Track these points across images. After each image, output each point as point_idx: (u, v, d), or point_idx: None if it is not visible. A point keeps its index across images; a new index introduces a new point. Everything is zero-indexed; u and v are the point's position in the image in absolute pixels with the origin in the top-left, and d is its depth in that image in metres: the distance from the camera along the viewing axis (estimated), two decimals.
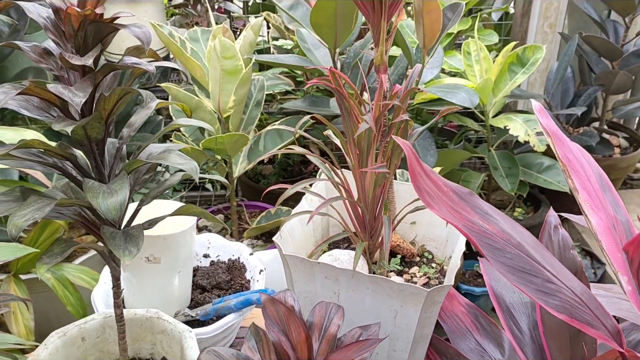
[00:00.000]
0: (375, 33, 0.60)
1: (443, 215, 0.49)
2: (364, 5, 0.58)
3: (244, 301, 0.78)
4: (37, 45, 0.57)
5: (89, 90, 0.50)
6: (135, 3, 1.64)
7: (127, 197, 0.52)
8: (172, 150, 0.59)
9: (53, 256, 0.54)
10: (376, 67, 0.64)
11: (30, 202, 0.53)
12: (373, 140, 0.61)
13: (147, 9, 1.65)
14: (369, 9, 0.57)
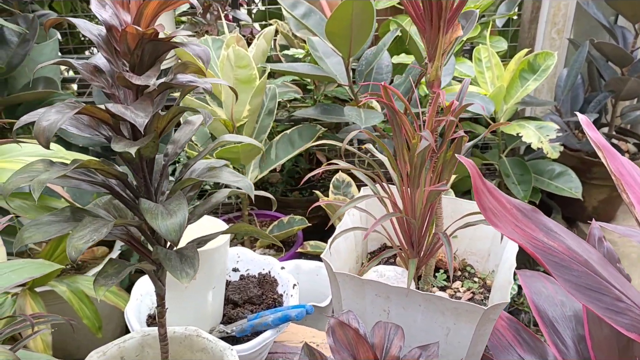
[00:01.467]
0: (431, 48, 0.59)
1: (508, 233, 0.48)
2: (421, 22, 0.57)
3: (282, 317, 0.77)
4: (88, 62, 0.56)
5: (150, 110, 0.50)
6: None
7: (186, 218, 0.51)
8: (223, 167, 0.58)
9: (108, 277, 0.53)
10: (430, 83, 0.63)
11: (86, 223, 0.52)
12: (427, 156, 0.61)
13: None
14: (426, 25, 0.57)
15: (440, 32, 0.56)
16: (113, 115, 0.54)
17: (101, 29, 0.56)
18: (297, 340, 0.90)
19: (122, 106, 0.50)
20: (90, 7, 0.55)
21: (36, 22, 1.58)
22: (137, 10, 0.53)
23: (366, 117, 1.47)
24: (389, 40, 1.54)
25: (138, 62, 0.54)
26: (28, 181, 0.53)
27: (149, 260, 0.60)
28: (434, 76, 0.62)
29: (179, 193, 0.55)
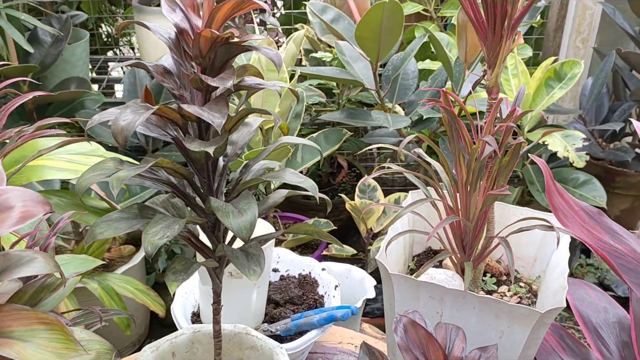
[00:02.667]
0: (492, 55, 0.61)
1: (576, 233, 0.49)
2: (482, 28, 0.59)
3: (328, 317, 0.78)
4: (158, 64, 0.57)
5: (225, 111, 0.51)
6: None
7: (256, 216, 0.52)
8: (286, 168, 0.60)
9: (177, 273, 0.55)
10: (489, 89, 0.64)
11: (158, 220, 0.53)
12: (488, 161, 0.62)
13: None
14: (488, 32, 0.58)
15: (503, 39, 0.57)
16: (184, 115, 0.55)
17: (170, 32, 0.58)
18: (335, 340, 0.91)
19: (198, 107, 0.51)
20: (113, 8, 0.56)
21: (69, 22, 1.60)
22: (209, 14, 0.54)
23: (394, 121, 1.48)
24: (416, 45, 1.56)
25: (210, 64, 0.55)
26: (101, 178, 0.55)
27: (213, 257, 0.61)
28: (494, 83, 0.63)
29: (246, 192, 0.56)
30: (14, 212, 0.35)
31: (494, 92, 0.64)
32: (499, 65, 0.61)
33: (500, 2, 0.55)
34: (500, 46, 0.58)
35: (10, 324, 0.35)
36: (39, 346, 0.34)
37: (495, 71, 0.62)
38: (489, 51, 0.61)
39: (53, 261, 0.40)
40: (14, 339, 0.34)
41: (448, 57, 1.50)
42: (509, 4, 0.55)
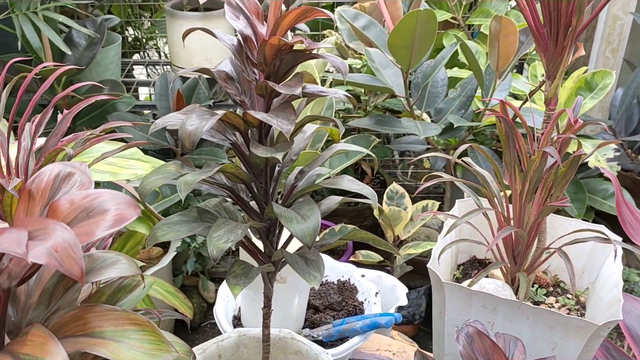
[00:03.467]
0: (552, 66, 0.61)
1: None
2: (544, 40, 0.59)
3: (371, 324, 0.78)
4: (221, 70, 0.58)
5: (292, 118, 0.52)
6: (209, 19, 1.66)
7: (319, 223, 0.53)
8: (344, 175, 0.60)
9: (238, 277, 0.55)
10: (547, 100, 0.64)
11: (220, 224, 0.54)
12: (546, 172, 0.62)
13: (219, 25, 1.67)
14: (549, 43, 0.59)
15: (564, 50, 0.58)
16: (246, 121, 0.56)
17: (233, 39, 0.59)
18: (373, 347, 0.91)
19: (265, 114, 0.52)
20: (141, 12, 0.57)
21: (104, 25, 1.62)
22: (275, 22, 0.55)
23: (424, 129, 1.48)
24: (448, 53, 1.56)
25: (274, 71, 0.56)
26: (164, 182, 0.56)
27: (269, 262, 0.62)
28: (552, 94, 0.63)
29: (307, 198, 0.57)
30: (109, 215, 0.35)
31: (552, 103, 0.64)
32: (560, 77, 0.61)
33: (565, 14, 0.55)
34: (561, 57, 0.58)
35: (102, 324, 0.35)
36: (132, 347, 0.34)
37: (555, 82, 0.62)
38: (549, 62, 0.61)
39: (135, 263, 0.41)
40: (106, 339, 0.35)
41: (479, 65, 1.50)
42: (574, 16, 0.55)
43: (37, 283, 0.41)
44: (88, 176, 0.40)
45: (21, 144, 0.57)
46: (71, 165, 0.40)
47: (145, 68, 2.40)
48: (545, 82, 0.64)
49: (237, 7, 0.58)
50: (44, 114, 0.57)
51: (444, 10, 1.96)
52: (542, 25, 0.58)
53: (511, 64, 1.49)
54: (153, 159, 1.21)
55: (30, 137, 0.57)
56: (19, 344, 0.32)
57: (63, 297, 0.39)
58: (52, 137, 0.58)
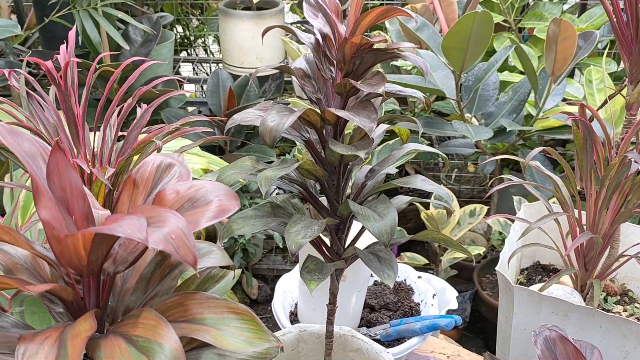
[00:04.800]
0: (635, 70, 0.60)
1: None
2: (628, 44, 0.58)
3: (430, 325, 0.78)
4: (299, 68, 0.59)
5: (374, 116, 0.52)
6: (261, 18, 1.68)
7: (396, 221, 0.53)
8: (417, 175, 0.60)
9: (312, 272, 0.56)
10: (629, 105, 0.63)
11: (297, 220, 0.55)
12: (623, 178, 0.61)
13: (270, 24, 1.69)
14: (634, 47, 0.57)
15: None
16: (324, 118, 0.56)
17: (311, 37, 0.59)
18: (427, 349, 0.91)
19: (347, 112, 0.53)
20: (192, 10, 0.58)
21: (159, 23, 1.66)
22: (355, 21, 0.56)
23: (475, 132, 1.47)
24: (501, 56, 1.54)
25: (354, 69, 0.56)
26: (241, 177, 0.57)
27: (339, 259, 0.62)
28: (635, 98, 0.62)
29: (383, 197, 0.57)
30: (212, 206, 0.36)
31: (634, 108, 0.62)
32: None
33: None
34: None
35: (203, 311, 0.36)
36: (232, 334, 0.35)
37: (639, 87, 0.61)
38: (632, 66, 0.59)
39: (226, 254, 0.42)
40: (207, 326, 0.36)
41: (534, 69, 1.48)
42: None
43: (133, 270, 0.42)
44: (187, 168, 0.41)
45: (106, 136, 0.59)
46: (171, 156, 0.41)
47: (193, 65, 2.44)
48: (626, 86, 0.62)
49: (317, 6, 0.58)
50: (127, 107, 0.59)
51: (495, 12, 1.93)
52: (626, 28, 0.57)
53: (568, 68, 1.46)
54: (208, 155, 1.23)
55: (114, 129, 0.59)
56: (130, 327, 0.34)
57: (160, 284, 0.40)
58: (134, 130, 0.60)
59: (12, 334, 0.38)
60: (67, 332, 0.32)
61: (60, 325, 0.34)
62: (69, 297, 0.35)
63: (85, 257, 0.35)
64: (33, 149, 0.36)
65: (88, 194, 0.38)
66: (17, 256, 0.39)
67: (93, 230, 0.31)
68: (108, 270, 0.37)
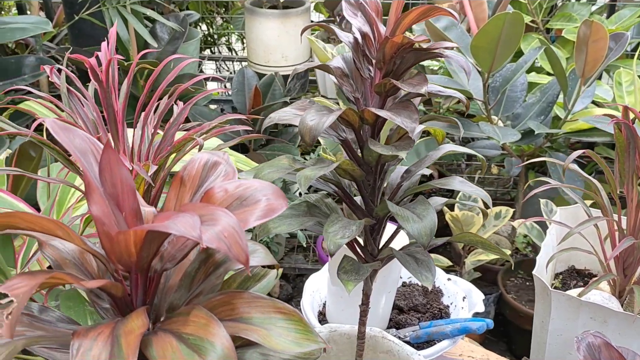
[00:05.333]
0: None
1: None
2: None
3: (461, 328, 0.77)
4: (337, 67, 0.59)
5: (415, 117, 0.52)
6: (287, 17, 1.68)
7: (436, 222, 0.52)
8: (454, 176, 0.59)
9: (349, 273, 0.56)
10: None
11: (334, 220, 0.55)
12: None
13: (296, 23, 1.69)
14: None
15: None
16: (362, 118, 0.56)
17: (349, 36, 0.59)
18: (455, 352, 0.90)
19: (388, 112, 0.52)
20: (217, 8, 0.58)
21: (186, 21, 1.67)
22: (396, 20, 0.55)
23: (503, 134, 1.45)
24: (531, 57, 1.52)
25: (394, 69, 0.56)
26: (278, 175, 0.57)
27: (373, 259, 0.62)
28: None
29: (422, 198, 0.56)
30: (261, 205, 0.36)
31: None
32: None
33: None
34: None
35: (250, 310, 0.36)
36: (280, 334, 0.35)
37: None
38: None
39: (270, 254, 0.41)
40: (254, 325, 0.35)
41: (564, 70, 1.46)
42: None
43: (176, 267, 0.42)
44: (232, 166, 0.41)
45: (145, 132, 0.59)
46: (217, 154, 0.41)
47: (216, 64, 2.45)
48: None
49: (356, 5, 0.58)
50: (166, 105, 0.59)
51: (523, 12, 1.91)
52: None
53: (598, 70, 1.44)
54: (235, 153, 1.23)
55: (151, 126, 0.59)
56: (180, 324, 0.34)
57: (205, 282, 0.40)
58: (172, 127, 0.60)
59: (59, 329, 0.38)
60: (119, 328, 0.32)
61: (111, 321, 0.34)
62: (118, 294, 0.35)
63: (135, 254, 0.35)
64: (84, 145, 0.36)
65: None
66: (65, 251, 0.39)
67: (147, 228, 0.31)
68: (155, 267, 0.37)
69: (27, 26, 1.40)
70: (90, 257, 0.40)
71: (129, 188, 0.35)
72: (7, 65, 1.45)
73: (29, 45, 1.82)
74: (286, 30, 1.71)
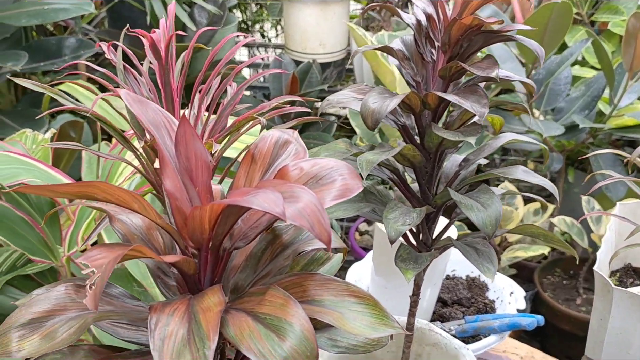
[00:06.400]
0: None
1: None
2: None
3: (510, 324, 0.75)
4: (399, 50, 0.57)
5: (485, 101, 0.50)
6: (326, 5, 1.66)
7: (501, 212, 0.50)
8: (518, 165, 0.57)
9: (406, 261, 0.54)
10: None
11: (393, 206, 0.53)
12: None
13: (335, 10, 1.67)
14: None
15: None
16: (424, 102, 0.54)
17: (412, 17, 0.57)
18: (499, 348, 0.88)
19: (457, 96, 0.50)
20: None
21: (225, 5, 1.66)
22: (464, 1, 0.53)
23: (546, 128, 1.42)
24: (577, 50, 1.47)
25: (460, 52, 0.54)
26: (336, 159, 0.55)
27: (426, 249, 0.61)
28: None
29: (485, 187, 0.55)
30: (336, 185, 0.35)
31: None
32: None
33: None
34: None
35: (322, 293, 0.35)
36: (354, 318, 0.34)
37: None
38: None
39: (338, 236, 0.40)
40: (327, 308, 0.34)
41: (612, 64, 1.41)
42: None
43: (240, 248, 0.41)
44: (303, 146, 0.40)
45: (201, 112, 0.58)
46: (287, 133, 0.40)
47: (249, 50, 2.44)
48: None
49: None
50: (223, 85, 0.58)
51: None
52: None
53: None
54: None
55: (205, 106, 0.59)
56: (255, 304, 0.33)
57: (271, 263, 0.39)
58: (227, 108, 0.59)
59: (127, 304, 0.37)
60: (194, 305, 0.31)
61: (182, 298, 0.33)
62: (190, 270, 0.34)
63: (208, 231, 0.34)
64: (157, 118, 0.36)
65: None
66: (132, 226, 0.38)
67: (228, 202, 0.30)
68: (225, 246, 0.36)
69: (69, 7, 1.41)
70: (157, 234, 0.39)
71: (203, 163, 0.34)
72: (48, 46, 1.47)
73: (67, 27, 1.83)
74: (325, 17, 1.69)
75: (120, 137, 0.56)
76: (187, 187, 0.35)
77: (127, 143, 0.57)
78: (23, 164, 0.65)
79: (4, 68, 1.37)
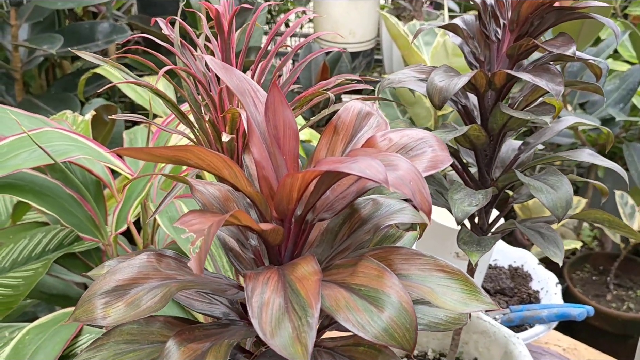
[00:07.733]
0: None
1: None
2: None
3: (559, 314, 0.74)
4: (465, 29, 0.56)
5: (559, 80, 0.48)
6: None
7: (572, 194, 0.49)
8: (584, 148, 0.56)
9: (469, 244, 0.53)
10: None
11: (457, 187, 0.52)
12: None
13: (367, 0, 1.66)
14: None
15: None
16: (490, 82, 0.53)
17: None
18: (541, 340, 0.86)
19: (530, 74, 0.49)
20: None
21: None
22: None
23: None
24: (613, 42, 1.45)
25: (530, 31, 0.52)
26: None
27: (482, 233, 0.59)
28: None
29: (553, 169, 0.53)
30: (427, 156, 0.34)
31: None
32: None
33: None
34: None
35: (408, 267, 0.34)
36: (443, 293, 0.33)
37: None
38: None
39: (418, 213, 0.39)
40: (413, 282, 0.33)
41: None
42: None
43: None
44: (384, 118, 0.39)
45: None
46: (368, 105, 0.39)
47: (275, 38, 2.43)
48: None
49: None
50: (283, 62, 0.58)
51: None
52: None
53: None
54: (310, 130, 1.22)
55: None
56: (347, 275, 0.32)
57: (350, 238, 0.38)
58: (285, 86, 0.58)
59: (205, 276, 0.37)
60: (286, 274, 0.31)
61: (270, 268, 0.32)
62: (276, 241, 0.34)
63: (295, 200, 0.33)
64: (242, 85, 0.35)
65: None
66: (209, 196, 0.38)
67: (326, 168, 0.29)
68: (308, 218, 0.35)
69: None
70: (234, 205, 0.38)
71: (292, 131, 0.34)
72: (81, 31, 1.47)
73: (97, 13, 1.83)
74: (355, 7, 1.68)
75: (177, 111, 0.56)
76: (274, 156, 0.34)
77: (185, 119, 0.56)
78: (74, 142, 0.64)
79: (37, 51, 1.37)
